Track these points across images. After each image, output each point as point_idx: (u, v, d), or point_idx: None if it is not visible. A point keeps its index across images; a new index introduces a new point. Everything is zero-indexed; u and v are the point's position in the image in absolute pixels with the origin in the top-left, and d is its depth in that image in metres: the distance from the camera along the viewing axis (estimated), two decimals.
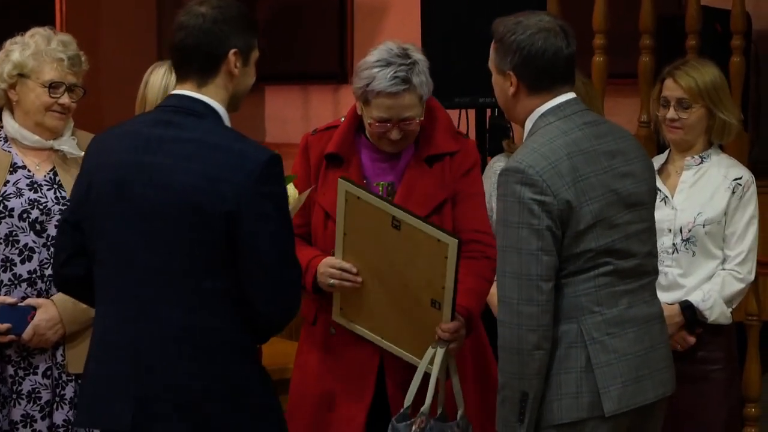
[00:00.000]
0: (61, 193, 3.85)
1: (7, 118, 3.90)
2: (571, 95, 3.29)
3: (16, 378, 3.81)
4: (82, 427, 3.70)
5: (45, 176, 3.87)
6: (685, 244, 4.08)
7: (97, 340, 3.17)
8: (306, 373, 3.85)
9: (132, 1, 8.16)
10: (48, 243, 3.79)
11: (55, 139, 3.89)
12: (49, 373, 3.83)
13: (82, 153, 3.88)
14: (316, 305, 3.82)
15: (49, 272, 3.78)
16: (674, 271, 4.09)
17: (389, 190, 3.78)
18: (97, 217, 3.13)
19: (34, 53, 3.84)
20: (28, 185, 3.84)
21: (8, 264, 3.79)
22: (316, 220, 3.81)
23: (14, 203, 3.80)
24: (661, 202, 4.04)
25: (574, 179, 3.16)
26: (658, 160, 4.19)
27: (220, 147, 3.05)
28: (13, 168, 3.86)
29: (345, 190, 3.61)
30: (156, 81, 3.85)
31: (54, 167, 3.89)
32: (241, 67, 3.15)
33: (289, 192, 3.33)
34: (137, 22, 8.13)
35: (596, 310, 3.20)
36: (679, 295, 4.08)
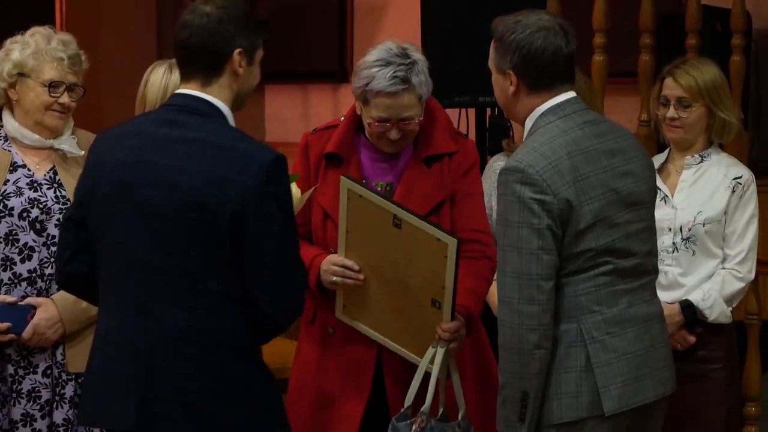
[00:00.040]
0: (61, 192, 3.84)
1: (7, 117, 3.90)
2: (571, 94, 3.29)
3: (16, 377, 3.81)
4: (85, 426, 3.71)
5: (45, 175, 3.87)
6: (685, 243, 4.08)
7: (100, 337, 3.16)
8: (304, 372, 3.85)
9: (132, 1, 8.15)
10: (48, 242, 3.79)
11: (55, 138, 3.89)
12: (48, 372, 3.82)
13: (82, 152, 3.89)
14: (314, 304, 3.82)
15: (49, 271, 3.78)
16: (674, 270, 4.09)
17: (388, 191, 3.78)
18: (101, 215, 3.11)
19: (34, 52, 3.83)
20: (28, 184, 3.83)
21: (8, 263, 3.79)
22: (316, 220, 3.81)
23: (14, 202, 3.80)
24: (661, 201, 4.03)
25: (574, 178, 3.16)
26: (658, 159, 4.19)
27: (225, 147, 3.04)
28: (13, 167, 3.85)
29: (347, 187, 3.61)
30: (156, 80, 3.84)
31: (54, 166, 3.89)
32: (245, 66, 3.13)
33: (292, 191, 3.32)
34: (137, 22, 8.11)
35: (596, 310, 3.20)
36: (679, 295, 4.08)
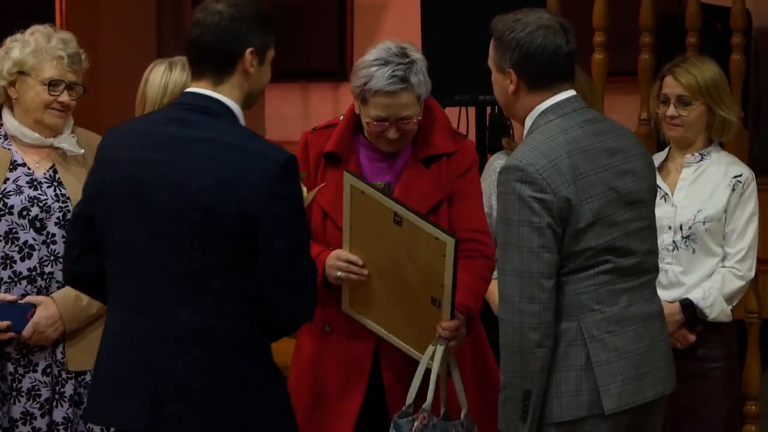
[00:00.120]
0: (60, 190, 3.85)
1: (6, 115, 3.90)
2: (571, 92, 3.28)
3: (16, 375, 3.81)
4: (91, 423, 3.71)
5: (45, 174, 3.87)
6: (685, 242, 4.08)
7: (109, 336, 3.14)
8: (302, 371, 3.84)
9: (132, 1, 8.15)
10: (48, 240, 3.79)
11: (54, 136, 3.89)
12: (48, 370, 3.82)
13: (82, 151, 3.89)
14: None
15: (49, 269, 3.79)
16: (674, 268, 4.09)
17: (386, 190, 3.78)
18: (109, 213, 3.09)
19: (34, 51, 3.83)
20: (28, 183, 3.84)
21: (8, 261, 3.79)
22: (315, 219, 3.80)
23: (14, 200, 3.80)
24: (661, 200, 4.03)
25: (574, 177, 3.16)
26: (658, 158, 4.19)
27: (236, 147, 3.01)
28: (13, 165, 3.85)
29: (350, 183, 3.61)
30: (156, 79, 3.84)
31: (54, 165, 3.88)
32: (257, 66, 3.10)
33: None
34: (137, 22, 8.11)
35: (596, 308, 3.20)
36: (680, 293, 4.08)
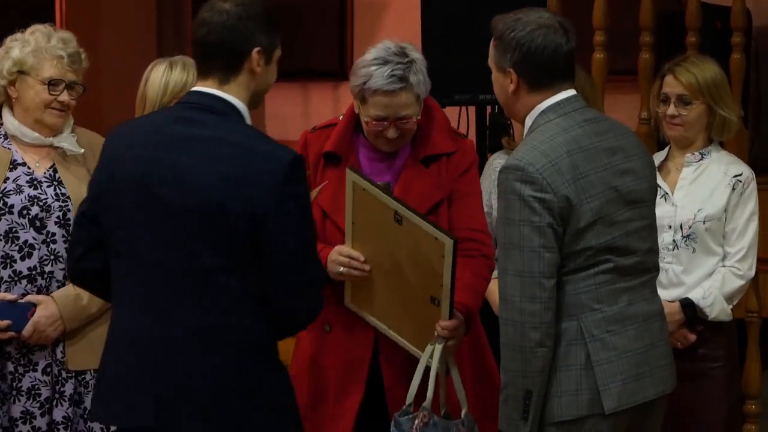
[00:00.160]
0: (60, 190, 3.84)
1: (6, 115, 3.90)
2: (572, 92, 3.28)
3: (16, 375, 3.81)
4: (97, 422, 3.71)
5: (45, 173, 3.87)
6: (686, 241, 4.08)
7: (115, 335, 3.12)
8: (301, 369, 3.84)
9: (132, 1, 8.15)
10: (48, 239, 3.80)
11: (54, 136, 3.89)
12: (48, 370, 3.82)
13: (82, 150, 3.89)
14: None
15: (49, 269, 3.79)
16: (674, 267, 4.09)
17: (387, 190, 3.77)
18: (115, 211, 3.07)
19: (34, 50, 3.83)
20: (27, 182, 3.83)
21: (8, 261, 3.79)
22: (315, 219, 3.79)
23: (14, 200, 3.80)
24: (662, 199, 4.03)
25: (574, 177, 3.16)
26: (658, 157, 4.18)
27: (242, 146, 3.00)
28: (13, 165, 3.85)
29: (352, 180, 3.61)
30: (156, 78, 3.85)
31: (54, 164, 3.88)
32: (263, 65, 3.10)
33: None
34: (137, 22, 8.11)
35: (596, 308, 3.20)
36: (680, 293, 4.07)
